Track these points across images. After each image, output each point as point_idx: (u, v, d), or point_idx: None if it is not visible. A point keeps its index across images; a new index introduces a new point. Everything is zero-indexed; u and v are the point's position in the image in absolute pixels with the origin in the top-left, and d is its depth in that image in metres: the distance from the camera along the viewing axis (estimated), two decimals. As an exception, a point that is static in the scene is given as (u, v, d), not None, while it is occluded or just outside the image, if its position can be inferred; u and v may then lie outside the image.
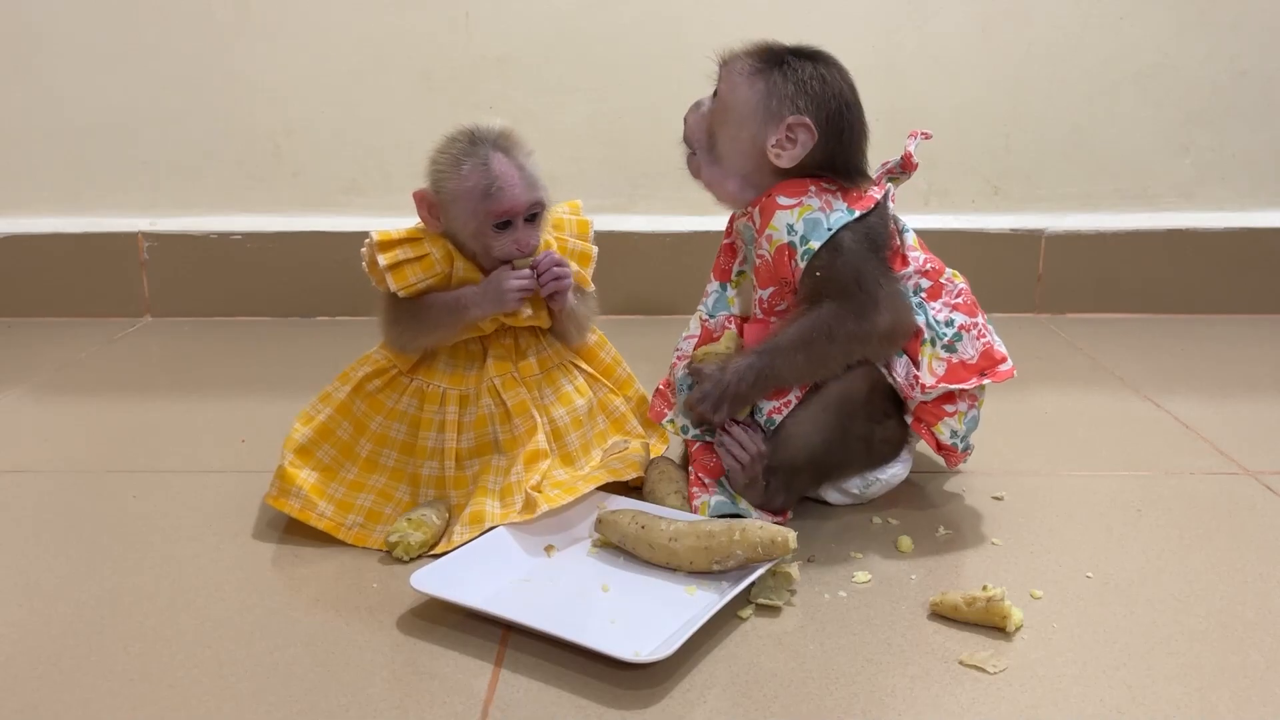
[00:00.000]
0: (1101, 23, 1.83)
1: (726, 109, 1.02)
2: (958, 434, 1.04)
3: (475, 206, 1.03)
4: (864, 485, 1.08)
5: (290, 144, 1.87)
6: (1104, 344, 1.72)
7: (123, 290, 1.88)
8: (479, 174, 1.02)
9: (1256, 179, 1.90)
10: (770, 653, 0.84)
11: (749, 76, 1.01)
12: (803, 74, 1.00)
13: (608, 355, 1.20)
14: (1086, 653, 0.84)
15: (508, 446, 1.07)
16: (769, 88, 1.00)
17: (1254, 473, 1.20)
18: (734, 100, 1.02)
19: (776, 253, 1.00)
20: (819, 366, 1.01)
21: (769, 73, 1.00)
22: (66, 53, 1.83)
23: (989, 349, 1.02)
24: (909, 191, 1.89)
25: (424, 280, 1.05)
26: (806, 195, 1.00)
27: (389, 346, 1.10)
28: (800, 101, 0.99)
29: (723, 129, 1.03)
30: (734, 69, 1.03)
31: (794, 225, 0.99)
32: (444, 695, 0.79)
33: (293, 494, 1.03)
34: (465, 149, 1.03)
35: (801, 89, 0.99)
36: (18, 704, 0.78)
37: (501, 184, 1.02)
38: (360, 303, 1.84)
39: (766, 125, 1.00)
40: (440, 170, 1.04)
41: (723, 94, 1.02)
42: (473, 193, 1.02)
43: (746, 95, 1.01)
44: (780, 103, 0.99)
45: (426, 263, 1.05)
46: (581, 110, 1.86)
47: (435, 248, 1.06)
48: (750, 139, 1.01)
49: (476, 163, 1.02)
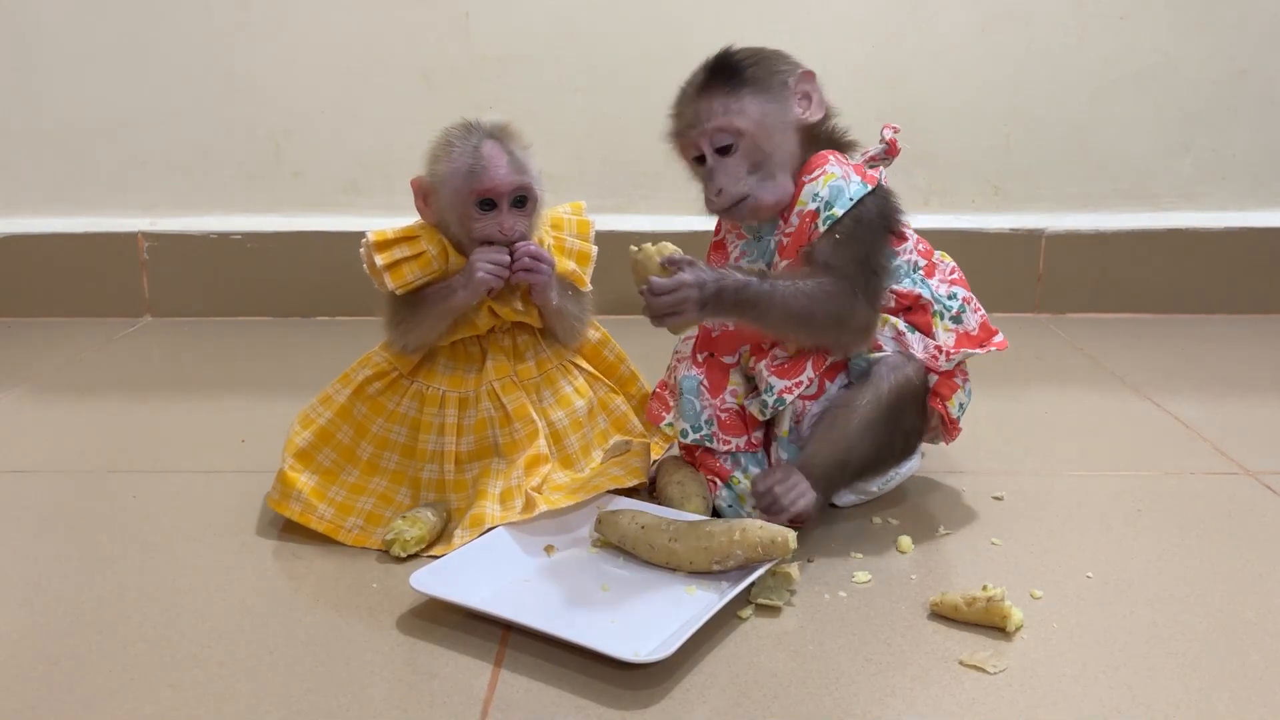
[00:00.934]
0: (1102, 23, 1.84)
1: (758, 130, 1.01)
2: (963, 407, 1.07)
3: (459, 185, 1.04)
4: (883, 482, 1.08)
5: (290, 144, 1.88)
6: (1104, 344, 1.72)
7: (123, 290, 1.88)
8: (467, 155, 1.04)
9: (1256, 179, 1.90)
10: (770, 653, 0.84)
11: (738, 96, 1.01)
12: (758, 55, 1.03)
13: (611, 353, 1.20)
14: (1086, 653, 0.84)
15: (508, 450, 1.07)
16: (761, 83, 1.02)
17: (1254, 473, 1.19)
18: (756, 117, 1.01)
19: (801, 220, 1.01)
20: (795, 325, 0.98)
21: (744, 76, 1.01)
22: (67, 53, 1.83)
23: (985, 321, 1.07)
24: (909, 191, 1.89)
25: (422, 278, 1.05)
26: (828, 164, 1.01)
27: (391, 348, 1.10)
28: (781, 66, 1.03)
29: (769, 145, 1.01)
30: (722, 108, 1.01)
31: (819, 192, 1.00)
32: (444, 695, 0.79)
33: (293, 497, 1.03)
34: (459, 135, 1.05)
35: (771, 62, 1.03)
36: (18, 704, 0.78)
37: (485, 164, 1.03)
38: (360, 303, 1.84)
39: (786, 104, 1.02)
40: (434, 155, 1.06)
41: (742, 126, 1.00)
42: (458, 172, 1.04)
43: (757, 106, 1.01)
44: (778, 80, 1.02)
45: (424, 260, 1.06)
46: (582, 110, 1.86)
47: (431, 244, 1.06)
48: (785, 126, 1.02)
49: (467, 146, 1.04)
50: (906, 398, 1.02)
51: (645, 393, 1.20)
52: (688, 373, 1.07)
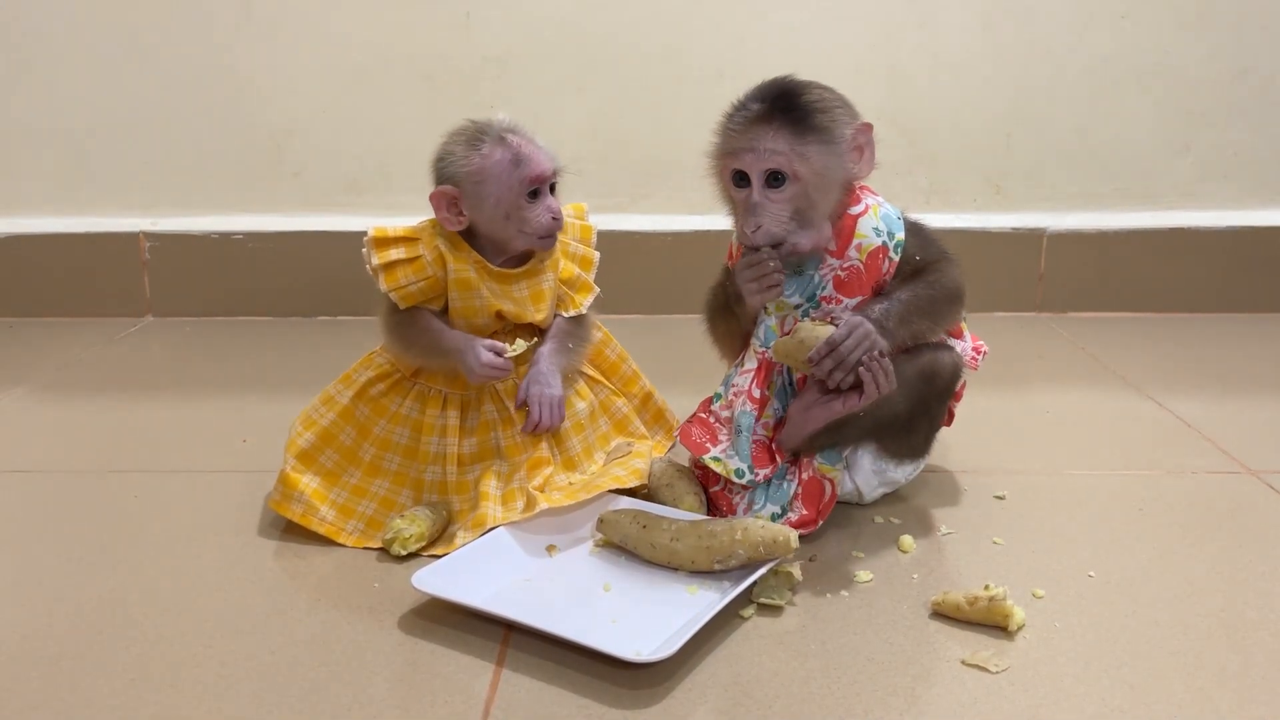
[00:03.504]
0: (1103, 22, 1.83)
1: (816, 179, 0.98)
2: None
3: (508, 177, 1.03)
4: (909, 472, 1.09)
5: (291, 144, 1.87)
6: (1106, 343, 1.71)
7: (124, 290, 1.88)
8: (501, 148, 1.04)
9: (1258, 177, 1.90)
10: (772, 652, 0.84)
11: (804, 140, 0.97)
12: (825, 102, 0.99)
13: (613, 353, 1.20)
14: (1089, 652, 0.84)
15: (510, 453, 1.07)
16: (826, 132, 0.98)
17: (1256, 472, 1.19)
18: (818, 167, 0.98)
19: (869, 258, 1.01)
20: (946, 314, 1.04)
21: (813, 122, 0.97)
22: (68, 53, 1.83)
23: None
24: (911, 190, 1.89)
25: (414, 282, 1.05)
26: (867, 196, 1.03)
27: (387, 350, 1.10)
28: (844, 117, 0.99)
29: (820, 195, 0.99)
30: (786, 149, 0.97)
31: (878, 227, 1.01)
32: (445, 695, 0.79)
33: (295, 499, 1.03)
34: (476, 134, 1.05)
35: (837, 111, 0.99)
36: (19, 704, 0.78)
37: (527, 152, 1.04)
38: (361, 302, 1.84)
39: (844, 158, 0.99)
40: (456, 159, 1.05)
41: (802, 172, 0.97)
42: (501, 163, 1.03)
43: (820, 155, 0.97)
44: (840, 132, 0.98)
45: (418, 265, 1.05)
46: (582, 110, 1.86)
47: (428, 250, 1.06)
48: (837, 179, 1.00)
49: (493, 141, 1.04)
50: (944, 379, 1.04)
51: (646, 391, 1.20)
52: (744, 409, 1.04)
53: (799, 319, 1.03)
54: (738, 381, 1.06)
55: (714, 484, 1.06)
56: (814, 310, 1.03)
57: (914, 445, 1.06)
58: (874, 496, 1.08)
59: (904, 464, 1.07)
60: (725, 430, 1.06)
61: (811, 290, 1.03)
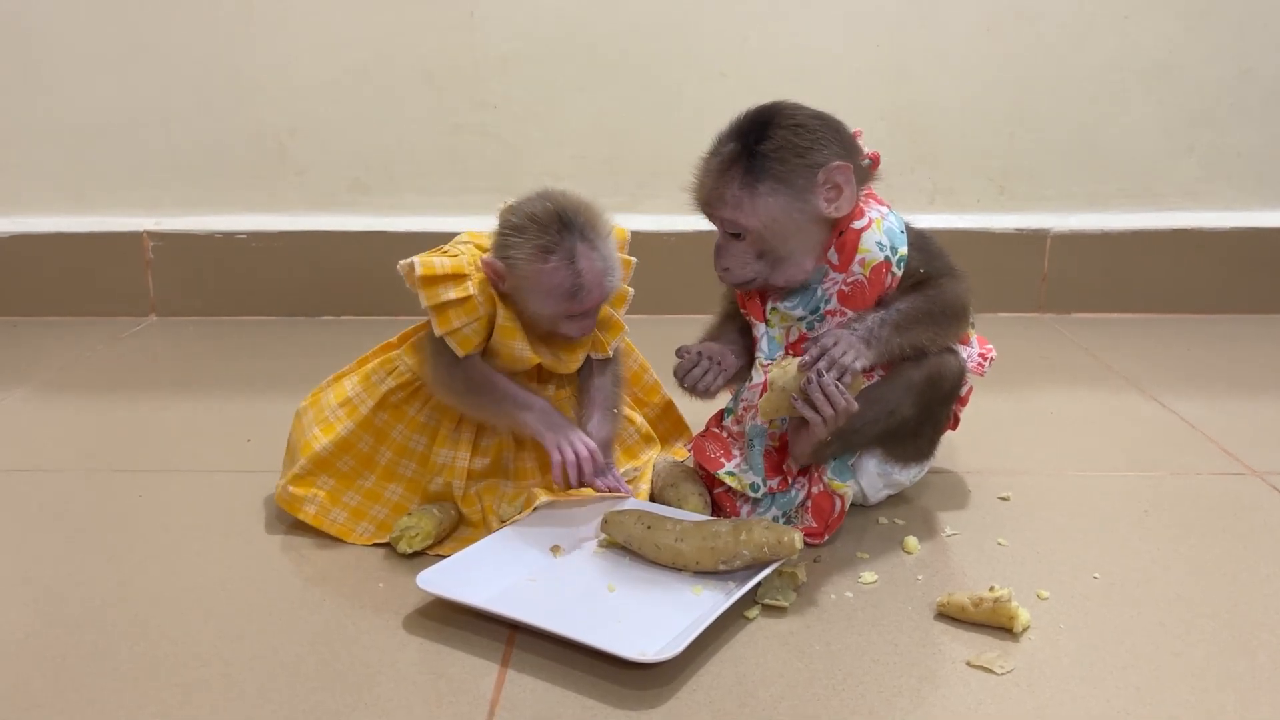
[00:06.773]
0: (1106, 22, 1.83)
1: (767, 230, 0.97)
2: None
3: (559, 298, 0.99)
4: (913, 475, 1.08)
5: (295, 143, 1.88)
6: (1110, 344, 1.71)
7: (128, 289, 1.88)
8: (565, 272, 0.97)
9: (1261, 178, 1.90)
10: (776, 653, 0.84)
11: (753, 192, 0.96)
12: (787, 144, 0.95)
13: (635, 362, 1.18)
14: (1094, 653, 0.84)
15: (517, 475, 1.07)
16: (783, 180, 0.95)
17: (1260, 473, 1.19)
18: (766, 219, 0.96)
19: (873, 272, 1.00)
20: (939, 335, 1.02)
21: (765, 169, 0.95)
22: (71, 52, 1.83)
23: None
24: (914, 191, 1.89)
25: (468, 324, 1.00)
26: (869, 209, 1.01)
27: (428, 384, 1.06)
28: (814, 156, 0.95)
29: (779, 242, 0.98)
30: (734, 200, 0.96)
31: (881, 241, 1.00)
32: (450, 695, 0.79)
33: (307, 500, 1.03)
34: (549, 243, 0.97)
35: (803, 151, 0.95)
36: (24, 702, 0.78)
37: (586, 283, 0.98)
38: (365, 302, 1.84)
39: (809, 199, 0.96)
40: (519, 253, 0.98)
41: (749, 225, 0.97)
42: (558, 289, 0.98)
43: (771, 207, 0.96)
44: (803, 175, 0.95)
45: (470, 306, 1.00)
46: (586, 109, 1.86)
47: (479, 290, 1.01)
48: (806, 223, 0.98)
49: (563, 257, 0.97)
50: (949, 382, 1.04)
51: (667, 401, 1.20)
52: (754, 421, 1.04)
53: (804, 331, 1.03)
54: (747, 396, 1.06)
55: (718, 485, 1.06)
56: (818, 323, 1.03)
57: (919, 448, 1.06)
58: (879, 498, 1.08)
59: (909, 467, 1.07)
60: (738, 445, 1.06)
61: (815, 304, 1.02)
